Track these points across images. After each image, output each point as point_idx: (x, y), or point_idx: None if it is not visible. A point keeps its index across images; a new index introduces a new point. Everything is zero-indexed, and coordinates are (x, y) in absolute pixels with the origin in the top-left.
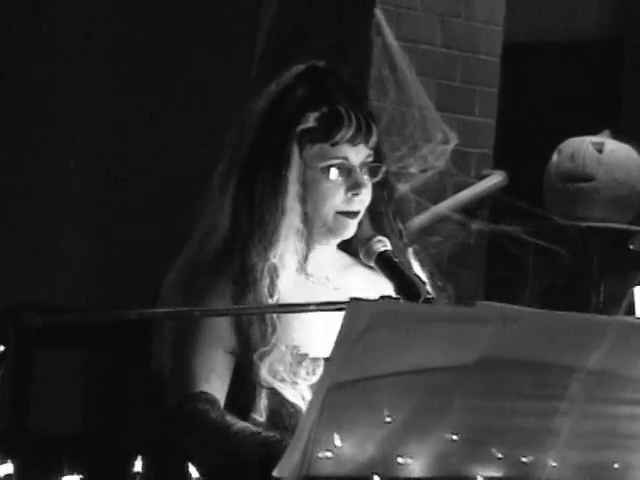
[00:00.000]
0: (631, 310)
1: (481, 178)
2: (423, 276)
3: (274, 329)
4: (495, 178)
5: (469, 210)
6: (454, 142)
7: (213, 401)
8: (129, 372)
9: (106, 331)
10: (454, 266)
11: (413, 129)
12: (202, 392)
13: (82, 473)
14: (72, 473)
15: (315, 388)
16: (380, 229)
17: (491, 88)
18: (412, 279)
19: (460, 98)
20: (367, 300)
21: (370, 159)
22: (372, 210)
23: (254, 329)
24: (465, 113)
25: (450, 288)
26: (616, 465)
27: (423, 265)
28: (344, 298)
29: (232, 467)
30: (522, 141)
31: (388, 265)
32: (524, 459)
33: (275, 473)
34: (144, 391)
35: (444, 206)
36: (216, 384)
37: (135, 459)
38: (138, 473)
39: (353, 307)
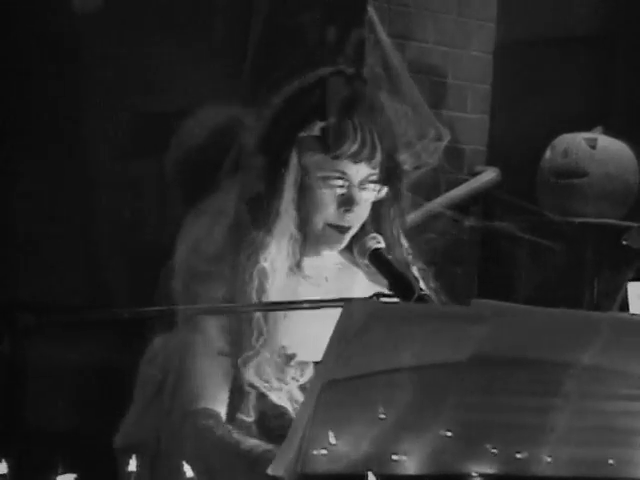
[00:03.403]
0: (625, 306)
1: (474, 175)
2: (421, 281)
3: (260, 333)
4: (488, 175)
5: (462, 207)
6: (447, 139)
7: (216, 416)
8: (124, 371)
9: (101, 329)
10: (448, 263)
11: (406, 126)
12: (205, 408)
13: (76, 472)
14: (66, 472)
15: (309, 386)
16: (379, 230)
17: (484, 85)
18: (406, 276)
19: (453, 95)
20: (362, 299)
21: (373, 178)
22: (376, 210)
23: (242, 331)
24: (458, 110)
25: (443, 292)
26: (611, 461)
27: (420, 269)
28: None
29: None
30: (515, 137)
31: (381, 262)
32: (519, 455)
33: (270, 471)
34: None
35: (437, 203)
36: (217, 394)
37: (130, 458)
38: (132, 472)
39: (348, 306)
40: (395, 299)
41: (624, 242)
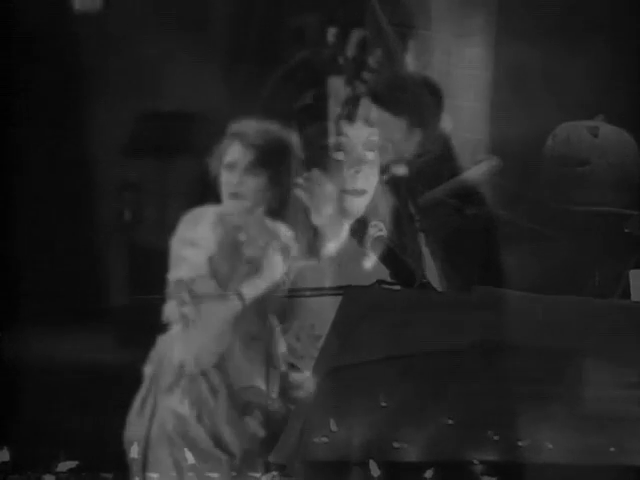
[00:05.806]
0: (626, 293)
1: (476, 163)
2: (437, 279)
3: (292, 307)
4: (490, 163)
5: (464, 195)
6: (449, 128)
7: (263, 392)
8: (126, 359)
9: (103, 316)
10: (450, 251)
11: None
12: (252, 386)
13: (78, 460)
14: (68, 460)
15: (311, 373)
16: (398, 230)
17: (486, 73)
18: (408, 264)
19: (454, 83)
20: (363, 286)
21: (374, 137)
22: (395, 190)
23: (272, 311)
24: (460, 98)
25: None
26: (612, 448)
27: (437, 267)
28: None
29: None
30: (517, 126)
31: (383, 250)
32: (520, 442)
33: (271, 458)
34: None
35: (439, 191)
36: (257, 372)
37: (132, 446)
38: (134, 460)
39: (349, 293)
40: (397, 286)
41: (626, 230)
